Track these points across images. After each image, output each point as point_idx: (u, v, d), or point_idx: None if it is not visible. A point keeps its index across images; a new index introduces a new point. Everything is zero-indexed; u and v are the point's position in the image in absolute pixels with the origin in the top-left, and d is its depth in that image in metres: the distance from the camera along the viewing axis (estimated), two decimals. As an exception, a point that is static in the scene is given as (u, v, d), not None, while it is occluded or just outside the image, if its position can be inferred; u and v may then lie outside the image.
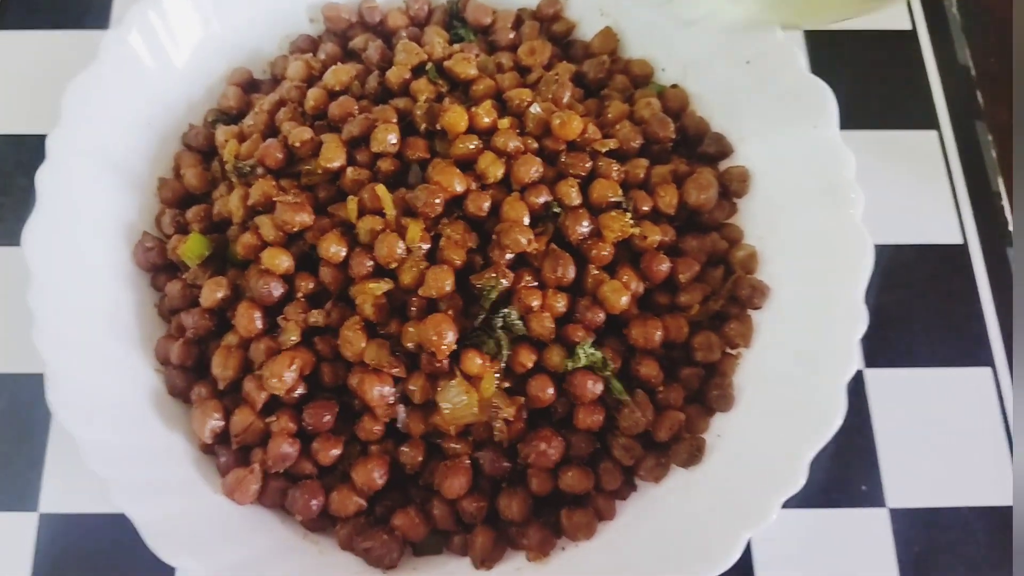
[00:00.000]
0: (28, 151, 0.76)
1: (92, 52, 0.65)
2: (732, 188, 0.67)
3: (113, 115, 0.66)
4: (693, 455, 0.59)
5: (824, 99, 0.62)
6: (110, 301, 0.63)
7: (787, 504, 0.64)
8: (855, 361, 0.56)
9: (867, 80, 0.81)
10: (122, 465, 0.55)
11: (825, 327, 0.58)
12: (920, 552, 0.65)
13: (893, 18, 0.83)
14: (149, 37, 0.67)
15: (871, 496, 0.66)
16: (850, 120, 0.76)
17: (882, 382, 0.69)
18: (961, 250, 0.74)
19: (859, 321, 0.57)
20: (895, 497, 0.66)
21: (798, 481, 0.54)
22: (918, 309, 0.72)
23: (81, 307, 0.60)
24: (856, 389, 0.69)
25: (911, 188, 0.76)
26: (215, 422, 0.59)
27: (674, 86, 0.71)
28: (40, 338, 0.57)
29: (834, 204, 0.61)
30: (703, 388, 0.62)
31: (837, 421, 0.55)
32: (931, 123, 0.79)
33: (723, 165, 0.68)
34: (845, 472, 0.67)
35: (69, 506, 0.64)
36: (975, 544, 0.65)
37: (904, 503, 0.66)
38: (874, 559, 0.64)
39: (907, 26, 0.83)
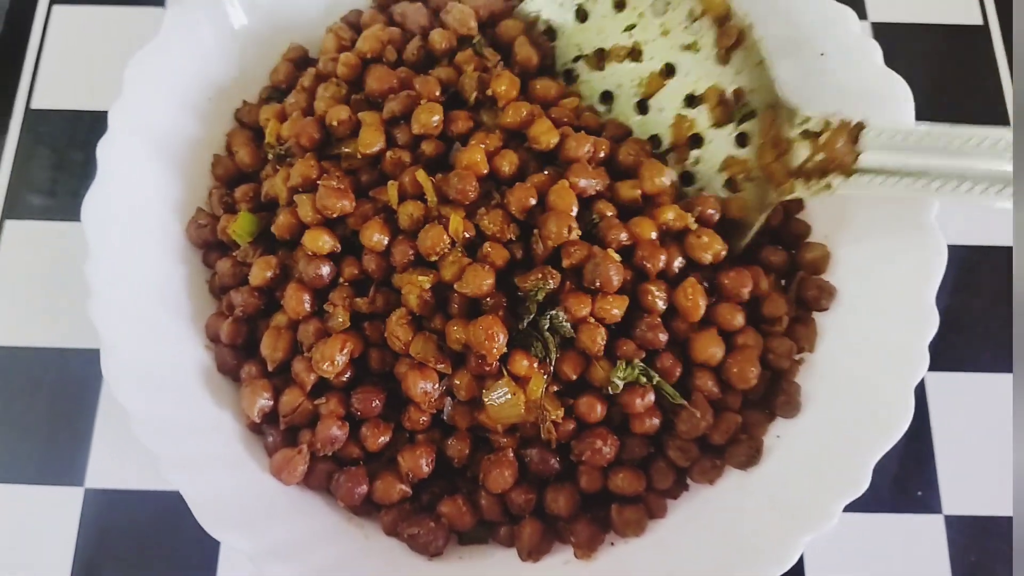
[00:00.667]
0: (84, 127, 0.76)
1: (149, 29, 0.65)
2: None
3: (174, 90, 0.66)
4: (751, 457, 0.57)
5: (901, 93, 0.60)
6: (163, 276, 0.63)
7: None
8: (924, 364, 0.54)
9: (936, 75, 0.79)
10: (172, 439, 0.55)
11: (894, 329, 0.57)
12: (975, 561, 0.63)
13: (964, 12, 0.81)
14: (211, 13, 0.67)
15: (927, 502, 0.65)
16: (917, 115, 0.75)
17: (943, 386, 0.68)
18: (1027, 253, 0.72)
19: (929, 323, 0.55)
20: (951, 504, 0.65)
21: (861, 485, 0.53)
22: (982, 313, 0.71)
23: (136, 281, 0.60)
24: (916, 393, 0.67)
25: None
26: (264, 401, 0.59)
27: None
28: (95, 310, 0.56)
29: (907, 202, 0.58)
30: (768, 393, 0.60)
31: (904, 425, 0.53)
32: (1001, 120, 0.77)
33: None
34: (901, 477, 0.65)
35: (115, 482, 0.64)
36: (1034, 556, 0.63)
37: (960, 511, 0.64)
38: (928, 566, 0.63)
39: (979, 21, 0.81)
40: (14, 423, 0.66)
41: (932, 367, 0.67)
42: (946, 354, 0.69)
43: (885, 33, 0.80)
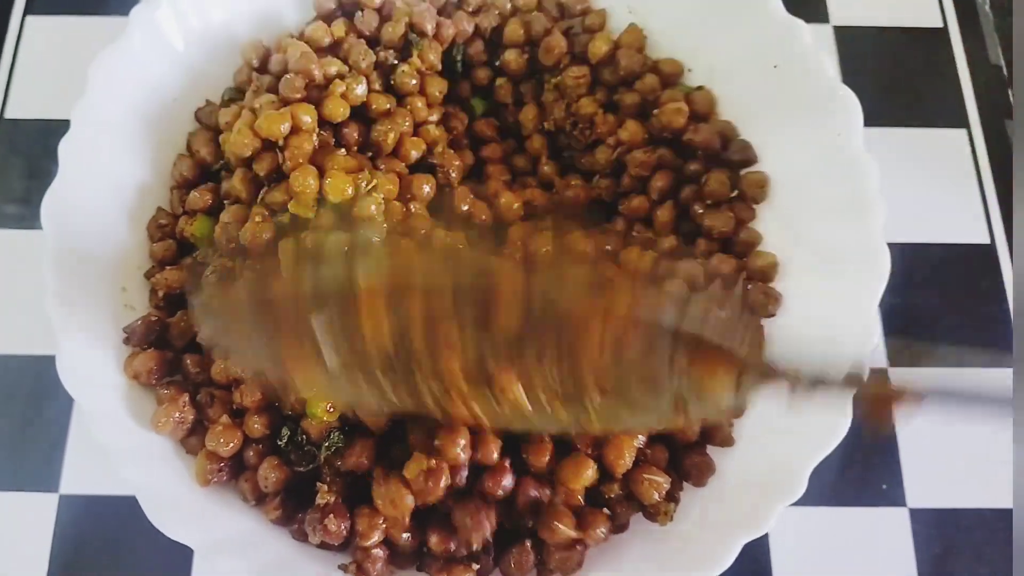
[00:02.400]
0: (58, 136, 0.75)
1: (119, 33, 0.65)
2: (750, 194, 0.66)
3: (139, 89, 0.66)
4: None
5: (850, 108, 0.61)
6: (123, 275, 0.63)
7: (806, 502, 0.64)
8: (864, 374, 0.55)
9: (896, 77, 0.80)
10: (122, 434, 0.56)
11: (836, 341, 0.57)
12: (940, 553, 0.64)
13: (924, 15, 0.82)
14: (177, 12, 0.67)
15: (891, 495, 0.66)
16: (878, 117, 0.76)
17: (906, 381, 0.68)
18: (988, 250, 0.73)
19: (870, 336, 0.56)
20: (916, 497, 0.65)
21: (797, 491, 0.53)
22: (943, 309, 0.71)
23: (95, 278, 0.61)
24: (879, 388, 0.68)
25: (939, 187, 0.76)
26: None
27: (700, 88, 0.69)
28: (52, 307, 0.57)
29: (855, 216, 0.60)
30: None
31: (841, 432, 0.54)
32: (960, 122, 0.78)
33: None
34: (866, 470, 0.66)
35: (89, 487, 0.65)
36: (996, 546, 0.64)
37: (925, 503, 0.65)
38: (893, 559, 0.64)
39: (938, 23, 0.82)
40: (-12, 431, 0.67)
41: (894, 363, 0.69)
42: (908, 350, 0.70)
43: (847, 36, 0.81)
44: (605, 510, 0.56)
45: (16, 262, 0.71)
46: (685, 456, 0.58)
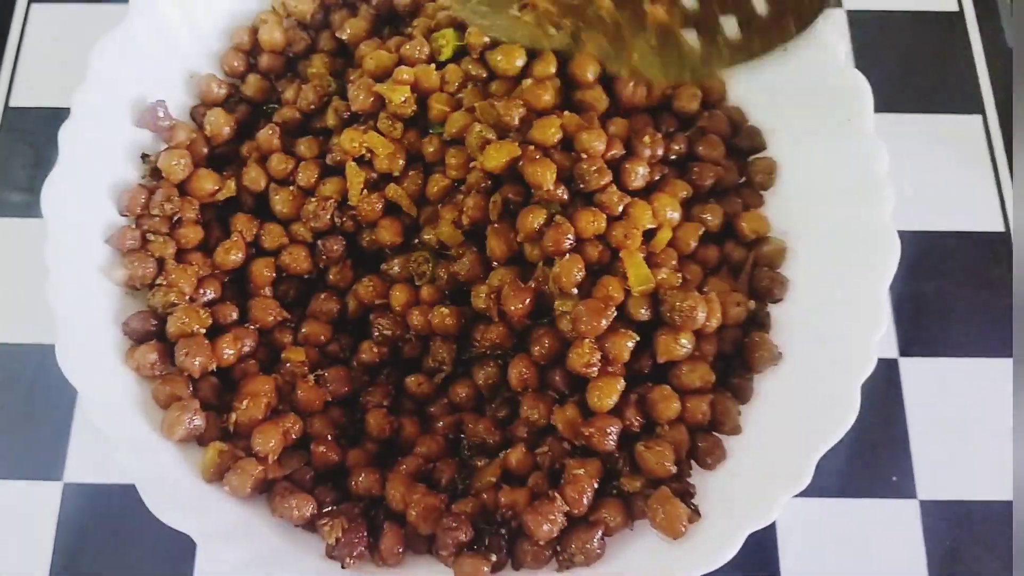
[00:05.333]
0: (61, 124, 0.76)
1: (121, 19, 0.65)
2: (757, 180, 0.66)
3: (139, 76, 0.66)
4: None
5: (861, 93, 0.61)
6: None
7: (815, 494, 0.63)
8: (872, 362, 0.55)
9: (911, 62, 0.79)
10: (121, 421, 0.56)
11: (844, 326, 0.57)
12: (950, 546, 0.63)
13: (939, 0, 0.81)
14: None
15: (902, 487, 0.65)
16: (893, 103, 0.76)
17: (917, 371, 0.68)
18: (1003, 238, 0.72)
19: (879, 322, 0.56)
20: (926, 489, 0.65)
21: (803, 480, 0.53)
22: (957, 298, 0.71)
23: (95, 264, 0.61)
24: (890, 378, 0.68)
25: (953, 174, 0.75)
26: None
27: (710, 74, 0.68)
28: (52, 291, 0.57)
29: (864, 201, 0.59)
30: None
31: (849, 421, 0.54)
32: (976, 107, 0.77)
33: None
34: (876, 462, 0.65)
35: (94, 476, 0.65)
36: (1007, 539, 0.63)
37: (935, 495, 0.65)
38: (903, 551, 0.63)
39: (954, 7, 0.81)
40: (-7, 419, 0.67)
41: (906, 352, 0.68)
42: (920, 339, 0.69)
43: (861, 21, 0.80)
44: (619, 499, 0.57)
45: (21, 250, 0.71)
46: (698, 439, 0.58)
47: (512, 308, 0.58)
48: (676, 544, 0.54)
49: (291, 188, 0.65)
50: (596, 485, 0.55)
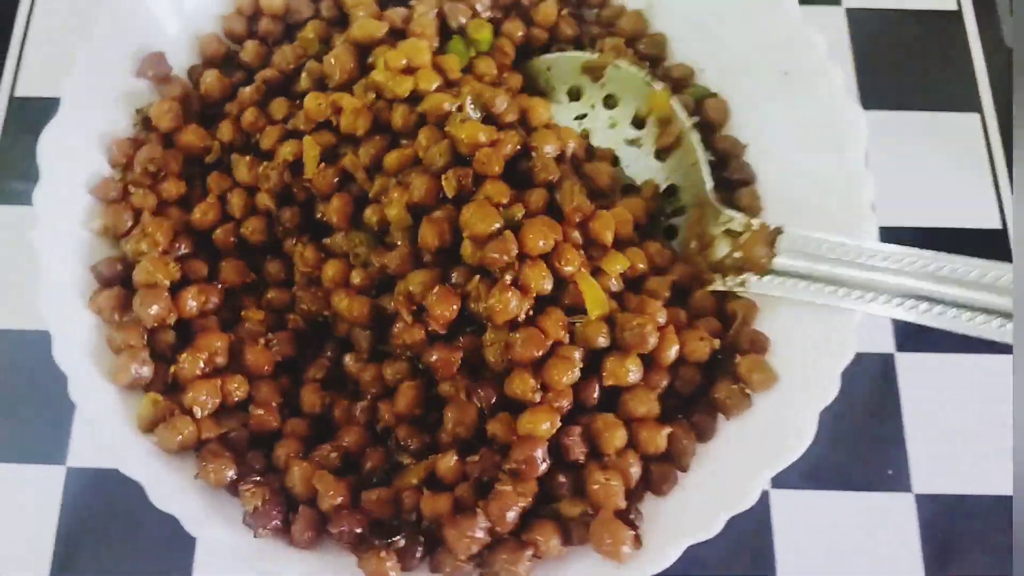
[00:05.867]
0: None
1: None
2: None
3: (144, 33, 0.68)
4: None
5: (855, 124, 0.60)
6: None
7: (811, 486, 0.64)
8: (834, 389, 0.54)
9: (909, 60, 0.79)
10: (80, 363, 0.57)
11: (812, 356, 0.57)
12: (945, 539, 0.64)
13: (938, -3, 0.82)
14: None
15: (897, 480, 0.65)
16: (890, 100, 0.76)
17: (913, 366, 0.68)
18: (1000, 235, 0.73)
19: (847, 351, 0.55)
20: (921, 483, 0.65)
21: (747, 502, 0.52)
22: (953, 294, 0.71)
23: (78, 213, 0.62)
24: (886, 373, 0.68)
25: (951, 171, 0.75)
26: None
27: (714, 95, 0.68)
28: (39, 237, 0.59)
29: (848, 228, 0.58)
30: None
31: (800, 450, 0.53)
32: (973, 106, 0.77)
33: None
34: (871, 455, 0.66)
35: (96, 461, 0.65)
36: (1003, 533, 0.64)
37: (930, 489, 0.65)
38: (898, 544, 0.64)
39: (952, 6, 0.81)
40: (-3, 403, 0.67)
41: (902, 347, 0.68)
42: (916, 334, 0.69)
43: (860, 18, 0.80)
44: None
45: (22, 238, 0.71)
46: (651, 466, 0.57)
47: (437, 313, 0.56)
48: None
49: (248, 158, 0.65)
50: (526, 505, 0.53)
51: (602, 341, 0.56)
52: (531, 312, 0.56)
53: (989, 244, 0.72)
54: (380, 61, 0.63)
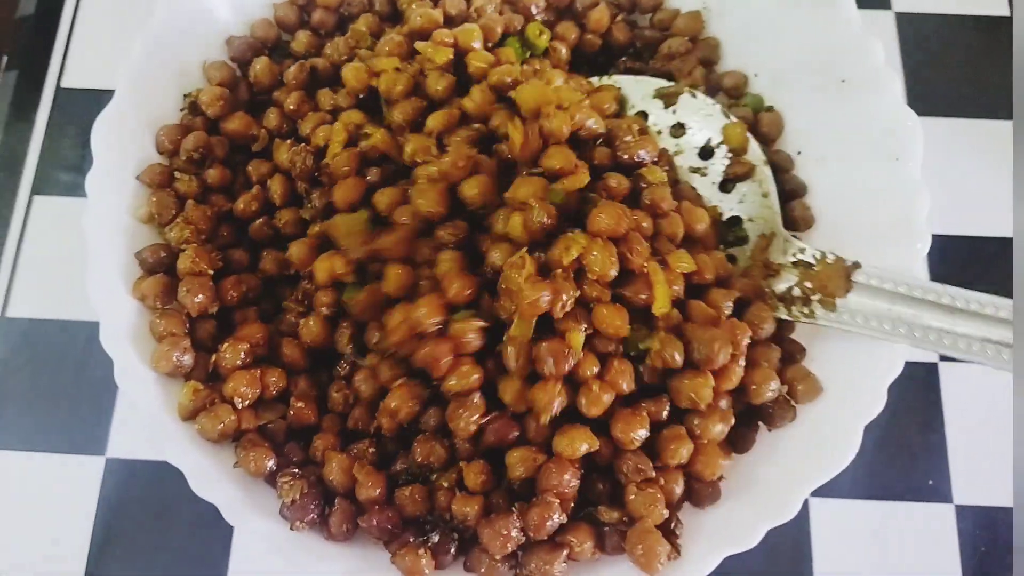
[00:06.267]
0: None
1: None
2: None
3: (206, 23, 0.69)
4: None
5: (912, 133, 0.59)
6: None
7: (851, 495, 0.63)
8: (881, 403, 0.54)
9: (960, 66, 0.78)
10: (125, 349, 0.57)
11: (860, 371, 0.56)
12: (985, 551, 0.63)
13: (989, 3, 0.80)
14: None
15: (938, 491, 0.65)
16: (939, 106, 0.75)
17: (956, 376, 0.68)
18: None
19: (895, 365, 0.54)
20: (962, 494, 0.65)
21: (788, 513, 0.52)
22: (996, 304, 0.70)
23: (126, 199, 0.63)
24: (929, 382, 0.67)
25: (999, 179, 0.74)
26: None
27: (770, 108, 0.68)
28: (88, 221, 0.59)
29: (900, 241, 0.58)
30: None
31: (845, 462, 0.53)
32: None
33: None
34: (912, 465, 0.65)
35: (135, 452, 0.66)
36: (1044, 547, 0.63)
37: (971, 500, 0.64)
38: (937, 555, 0.63)
39: (1004, 11, 0.80)
40: (41, 394, 0.68)
41: (945, 357, 0.67)
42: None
43: (910, 23, 0.79)
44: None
45: (69, 228, 0.72)
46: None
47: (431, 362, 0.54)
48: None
49: (288, 142, 0.65)
50: (566, 514, 0.52)
51: (678, 359, 0.53)
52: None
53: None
54: (433, 53, 0.62)
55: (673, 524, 0.53)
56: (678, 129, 0.67)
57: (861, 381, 0.55)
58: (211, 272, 0.60)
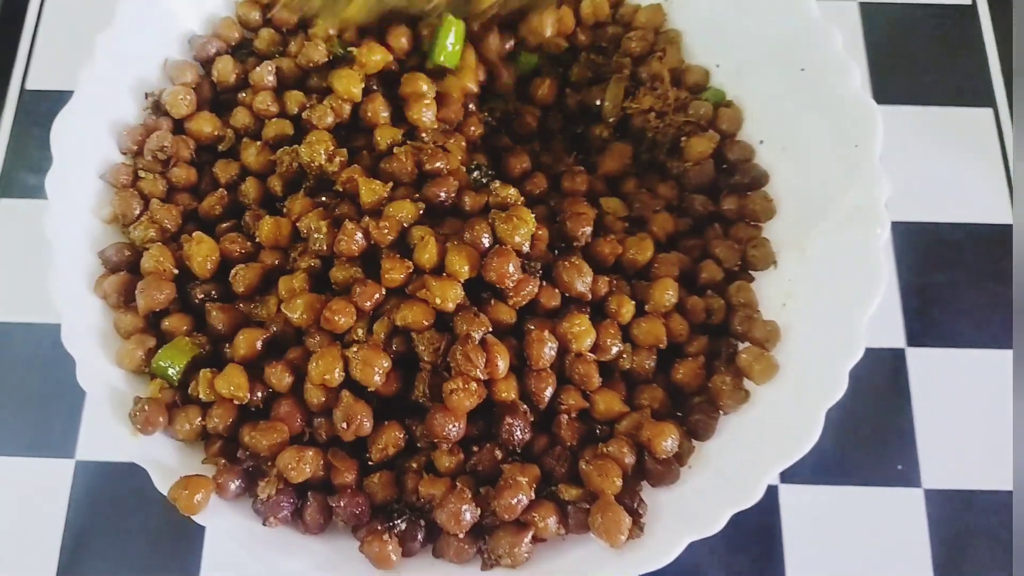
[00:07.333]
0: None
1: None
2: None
3: (165, 25, 0.69)
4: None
5: (871, 120, 0.60)
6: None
7: (821, 480, 0.64)
8: (841, 388, 0.54)
9: (923, 55, 0.79)
10: (87, 346, 0.58)
11: (820, 353, 0.56)
12: (955, 535, 0.64)
13: (954, -7, 0.81)
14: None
15: (907, 476, 0.65)
16: (904, 95, 0.76)
17: (924, 361, 0.68)
18: (1011, 231, 0.72)
19: (855, 350, 0.55)
20: (931, 478, 0.65)
21: (752, 498, 0.52)
22: (964, 289, 0.71)
23: (88, 200, 0.63)
24: (897, 367, 0.68)
25: (963, 166, 0.75)
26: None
27: (729, 104, 0.68)
28: (49, 221, 0.59)
29: (860, 228, 0.58)
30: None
31: (808, 446, 0.53)
32: (987, 101, 0.77)
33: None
34: (882, 450, 0.66)
35: (105, 454, 0.65)
36: (1010, 528, 0.63)
37: (940, 484, 0.65)
38: (907, 539, 0.64)
39: (967, 0, 0.81)
40: (8, 396, 0.68)
41: (913, 342, 0.68)
42: (928, 330, 0.69)
43: (873, 12, 0.80)
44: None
45: (35, 231, 0.71)
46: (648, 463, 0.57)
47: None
48: (614, 552, 0.53)
49: (258, 143, 0.65)
50: (532, 494, 0.53)
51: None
52: None
53: (1000, 239, 0.72)
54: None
55: (636, 504, 0.54)
56: None
57: (823, 366, 0.56)
58: (175, 272, 0.60)
